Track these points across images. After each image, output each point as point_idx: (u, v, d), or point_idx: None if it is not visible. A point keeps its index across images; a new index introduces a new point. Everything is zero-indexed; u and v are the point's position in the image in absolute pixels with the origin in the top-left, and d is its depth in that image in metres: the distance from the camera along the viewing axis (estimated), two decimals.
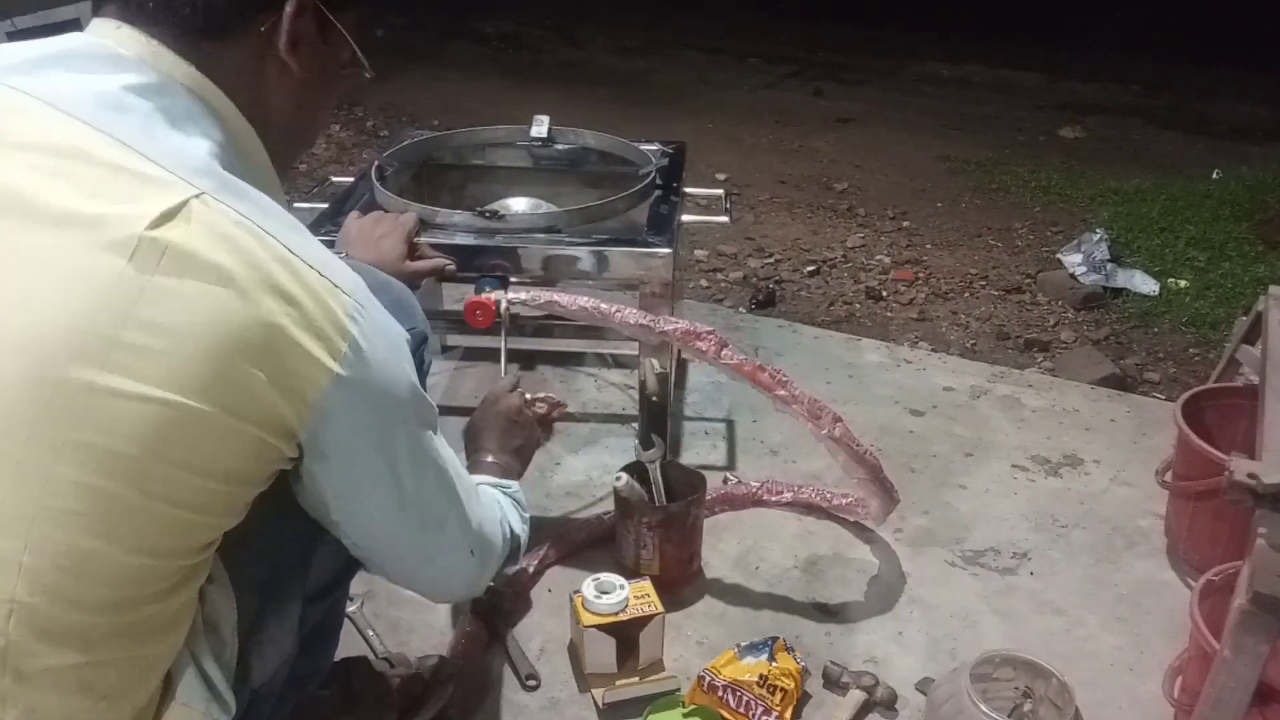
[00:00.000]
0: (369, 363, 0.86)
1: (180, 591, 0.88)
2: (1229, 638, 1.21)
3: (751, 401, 2.26)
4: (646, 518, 1.68)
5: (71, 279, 0.76)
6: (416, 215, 1.69)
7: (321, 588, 1.19)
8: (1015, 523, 1.95)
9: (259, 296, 0.79)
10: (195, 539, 0.86)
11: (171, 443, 0.78)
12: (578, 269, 1.76)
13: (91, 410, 0.76)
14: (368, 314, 0.87)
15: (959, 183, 4.10)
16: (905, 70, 5.90)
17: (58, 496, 0.77)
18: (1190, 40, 5.86)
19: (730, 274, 3.20)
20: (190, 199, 0.78)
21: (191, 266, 0.77)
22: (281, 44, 0.92)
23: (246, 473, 0.85)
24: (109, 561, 0.80)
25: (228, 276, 0.78)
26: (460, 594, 1.24)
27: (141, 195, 0.78)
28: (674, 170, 2.08)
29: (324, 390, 0.83)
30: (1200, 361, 2.78)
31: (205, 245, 0.77)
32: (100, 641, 0.82)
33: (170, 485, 0.80)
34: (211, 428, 0.79)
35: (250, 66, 0.92)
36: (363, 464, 0.92)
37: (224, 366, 0.78)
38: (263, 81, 0.93)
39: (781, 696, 1.45)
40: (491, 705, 1.51)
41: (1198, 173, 4.12)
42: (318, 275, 0.83)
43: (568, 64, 5.92)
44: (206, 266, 0.77)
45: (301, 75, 0.94)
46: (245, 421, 0.81)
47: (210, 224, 0.78)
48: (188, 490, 0.81)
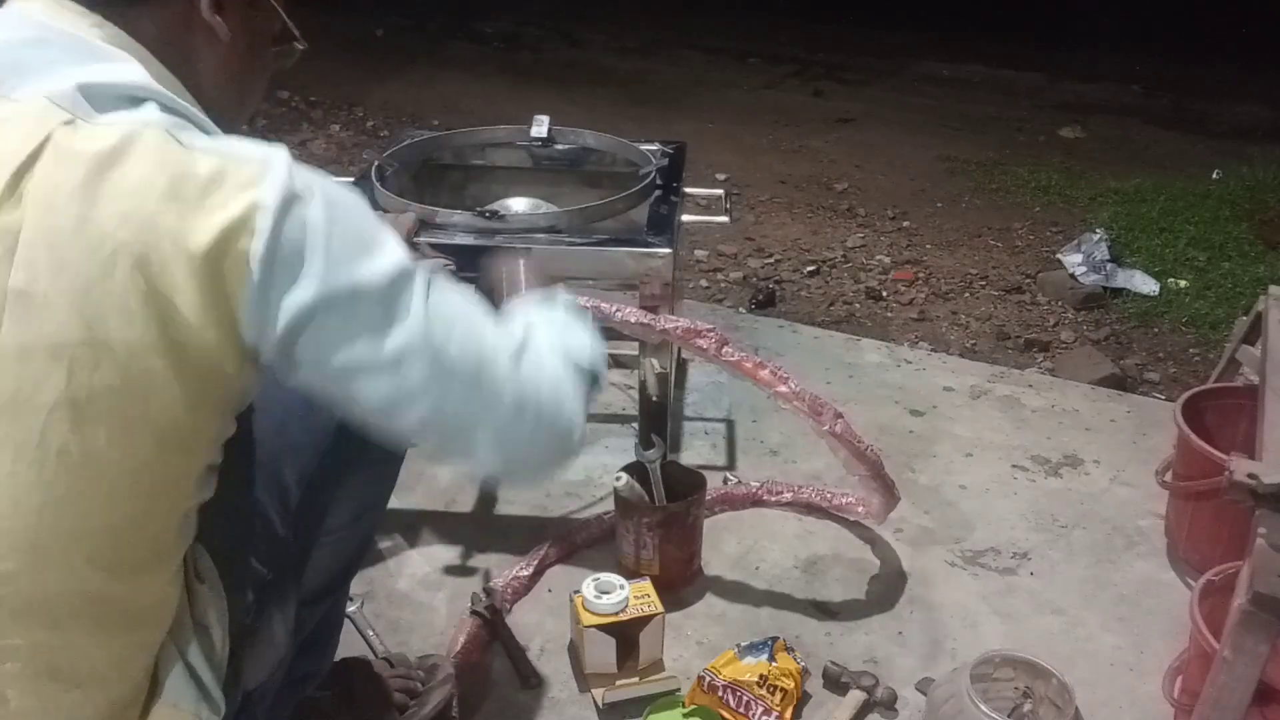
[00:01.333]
0: (296, 232, 0.78)
1: (156, 575, 0.87)
2: (1229, 638, 1.21)
3: (751, 401, 2.26)
4: (646, 518, 1.68)
5: None
6: (416, 216, 1.69)
7: (319, 590, 1.19)
8: (1015, 523, 1.95)
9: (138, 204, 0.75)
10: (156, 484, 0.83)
11: (99, 384, 0.76)
12: (578, 269, 1.76)
13: (2, 365, 0.76)
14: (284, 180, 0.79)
15: (959, 183, 4.10)
16: (905, 70, 5.90)
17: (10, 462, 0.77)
18: (1190, 40, 5.86)
19: (730, 274, 3.20)
20: (55, 128, 0.76)
21: (56, 201, 0.75)
22: (204, 5, 0.89)
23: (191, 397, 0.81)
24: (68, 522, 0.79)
25: (92, 198, 0.75)
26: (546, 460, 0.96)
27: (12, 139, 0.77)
28: (674, 170, 2.08)
29: (248, 278, 0.77)
30: (1200, 361, 2.78)
31: (66, 175, 0.75)
32: (68, 619, 0.82)
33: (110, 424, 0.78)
34: (126, 353, 0.76)
35: (175, 29, 0.89)
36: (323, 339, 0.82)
37: (115, 287, 0.75)
38: (189, 45, 0.91)
39: (781, 696, 1.45)
40: (491, 705, 1.51)
41: (1198, 173, 4.12)
42: (218, 159, 0.78)
43: (568, 64, 5.91)
44: (71, 194, 0.75)
45: (228, 38, 0.92)
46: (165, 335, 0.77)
47: (74, 146, 0.76)
48: (135, 432, 0.79)
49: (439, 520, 1.86)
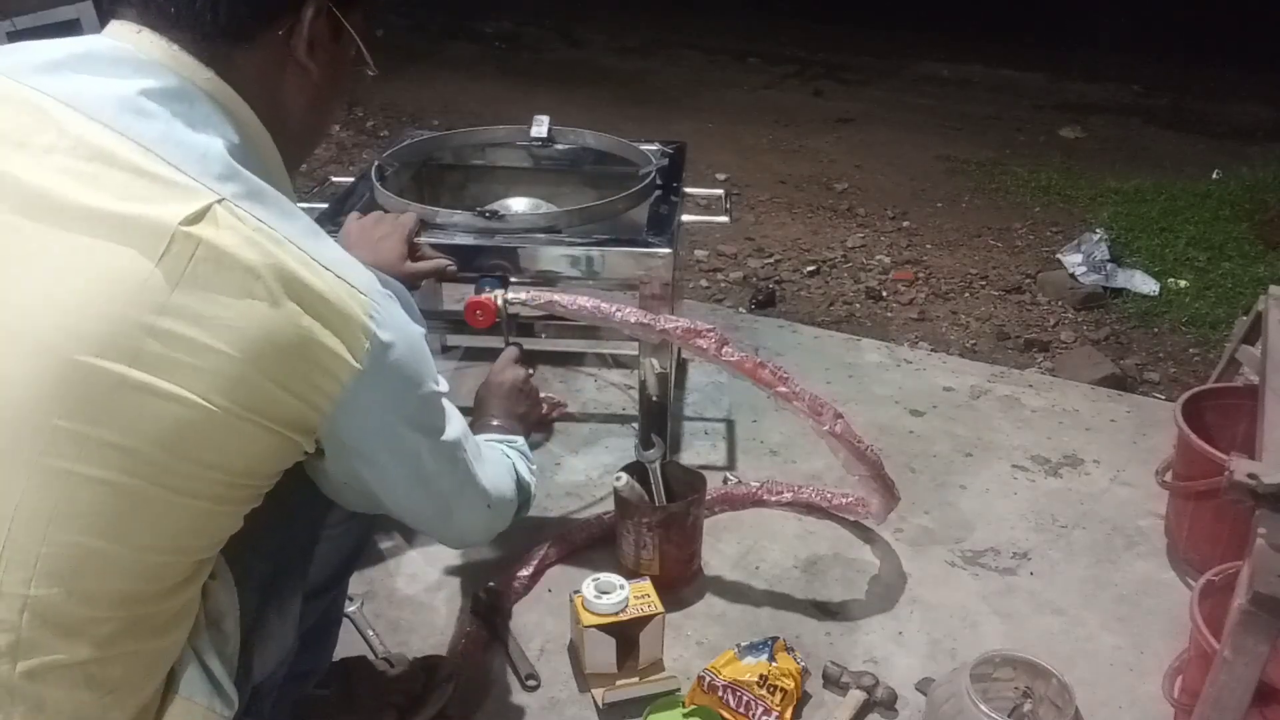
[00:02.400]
0: (388, 359, 0.89)
1: (188, 587, 0.89)
2: (1229, 638, 1.21)
3: (752, 401, 2.26)
4: (646, 518, 1.68)
5: (102, 277, 0.77)
6: (416, 216, 1.69)
7: (320, 584, 1.20)
8: (1015, 523, 1.95)
9: (283, 300, 0.80)
10: (211, 533, 0.89)
11: (193, 441, 0.80)
12: (578, 269, 1.76)
13: (117, 406, 0.77)
14: (385, 312, 0.89)
15: (959, 183, 4.10)
16: (905, 70, 5.90)
17: (78, 493, 0.78)
18: (1190, 40, 5.85)
19: (730, 274, 3.20)
20: (213, 204, 0.79)
21: (222, 266, 0.79)
22: (301, 47, 0.94)
23: (265, 468, 0.88)
24: (125, 558, 0.81)
25: (255, 277, 0.79)
26: (478, 542, 1.34)
27: (167, 198, 0.79)
28: (674, 170, 2.08)
29: (346, 387, 0.86)
30: (1200, 361, 2.78)
31: (234, 245, 0.79)
32: (110, 637, 0.83)
33: (190, 480, 0.82)
34: (234, 427, 0.81)
35: (269, 70, 0.93)
36: (383, 453, 0.96)
37: (251, 368, 0.80)
38: (281, 84, 0.95)
39: (781, 696, 1.45)
40: (491, 705, 1.51)
41: (1198, 173, 4.12)
42: (334, 278, 0.85)
43: (568, 64, 5.91)
44: (236, 266, 0.79)
45: (318, 76, 0.96)
46: (268, 420, 0.83)
47: (233, 228, 0.80)
48: (207, 485, 0.83)
49: None
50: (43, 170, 0.79)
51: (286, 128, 0.96)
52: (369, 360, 0.86)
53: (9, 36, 3.00)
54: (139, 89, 0.84)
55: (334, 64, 0.98)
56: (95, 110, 0.81)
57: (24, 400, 0.77)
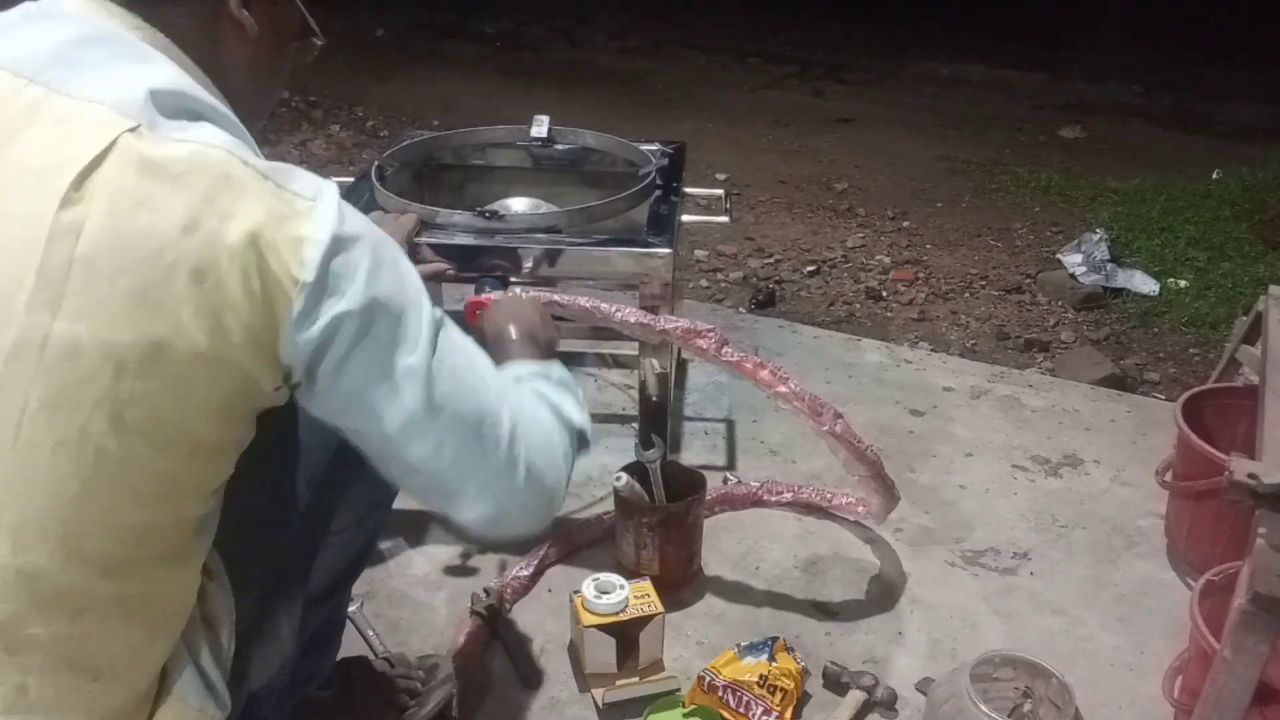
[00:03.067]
0: (336, 268, 0.82)
1: (173, 569, 0.88)
2: (1229, 638, 1.21)
3: (752, 402, 2.26)
4: (646, 518, 1.68)
5: (22, 231, 0.78)
6: (416, 217, 1.69)
7: (323, 591, 1.19)
8: (1015, 523, 1.94)
9: (199, 220, 0.78)
10: (187, 490, 0.86)
11: (140, 389, 0.79)
12: (578, 269, 1.76)
13: (52, 364, 0.77)
14: (331, 213, 0.83)
15: (959, 183, 4.10)
16: (905, 70, 5.90)
17: (32, 454, 0.78)
18: (1190, 40, 5.86)
19: (730, 274, 3.20)
20: (121, 134, 0.78)
21: (121, 205, 0.77)
22: (233, 3, 0.92)
23: (226, 409, 0.84)
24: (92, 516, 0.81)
25: (159, 207, 0.78)
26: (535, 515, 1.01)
27: (77, 139, 0.79)
28: (674, 170, 2.08)
29: (290, 302, 0.81)
30: (1200, 361, 2.78)
31: (132, 180, 0.78)
32: (90, 610, 0.83)
33: (149, 428, 0.80)
34: (178, 365, 0.79)
35: (205, 25, 0.92)
36: (359, 378, 0.86)
37: (171, 294, 0.78)
38: (219, 41, 0.93)
39: (781, 696, 1.45)
40: (491, 705, 1.51)
41: (1198, 173, 4.12)
42: (274, 185, 0.81)
43: (568, 64, 5.92)
44: (139, 201, 0.78)
45: (256, 35, 0.94)
46: (212, 348, 0.79)
47: (141, 156, 0.78)
48: (170, 436, 0.81)
49: (440, 520, 1.86)
50: None
51: (232, 83, 0.94)
52: (316, 268, 0.80)
53: None
54: (61, 38, 0.85)
55: (272, 24, 0.96)
56: (20, 67, 0.83)
57: None
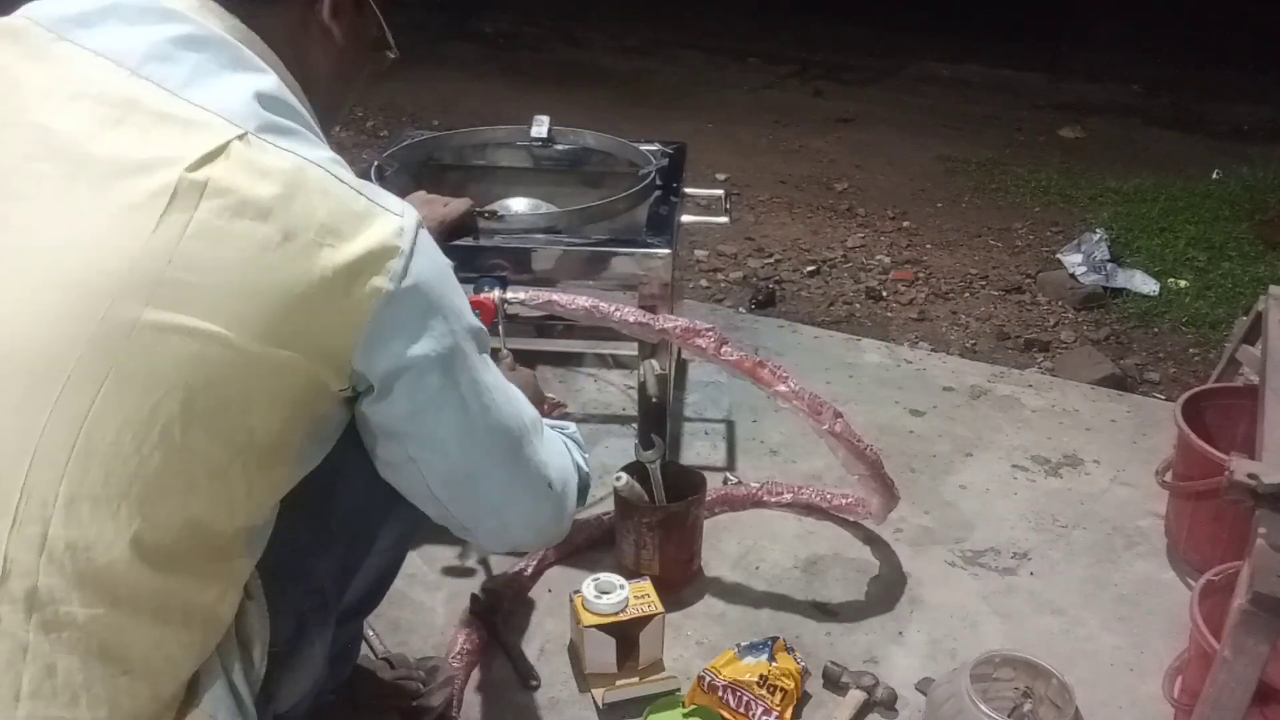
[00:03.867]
0: (418, 283, 0.87)
1: (217, 580, 0.88)
2: (1229, 638, 1.21)
3: (751, 402, 2.26)
4: (646, 518, 1.68)
5: (120, 221, 0.79)
6: (469, 203, 1.68)
7: (353, 608, 1.19)
8: (1015, 523, 1.94)
9: (299, 229, 0.81)
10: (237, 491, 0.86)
11: (216, 377, 0.80)
12: (577, 269, 1.76)
13: (137, 345, 0.78)
14: (415, 235, 0.87)
15: (959, 183, 4.10)
16: (905, 70, 5.90)
17: (99, 431, 0.78)
18: (1190, 40, 5.85)
19: (730, 274, 3.20)
20: (231, 140, 0.81)
21: (230, 204, 0.79)
22: (324, 9, 0.96)
23: (295, 414, 0.86)
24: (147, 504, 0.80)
25: (266, 211, 0.80)
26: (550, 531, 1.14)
27: (185, 140, 0.80)
28: (674, 171, 2.08)
29: (374, 311, 0.84)
30: (1200, 361, 2.78)
31: (244, 182, 0.80)
32: (130, 600, 0.82)
33: (214, 424, 0.81)
34: (258, 361, 0.81)
35: (296, 29, 0.95)
36: (421, 388, 0.91)
37: (265, 300, 0.80)
38: (308, 44, 0.97)
39: (781, 696, 1.45)
40: (491, 705, 1.51)
41: (1198, 173, 4.12)
42: (367, 201, 0.85)
43: (568, 64, 5.92)
44: (245, 203, 0.79)
45: (342, 42, 0.99)
46: (293, 352, 0.82)
47: (250, 161, 0.81)
48: (233, 430, 0.82)
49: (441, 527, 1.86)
50: (69, 117, 0.82)
51: (315, 89, 0.98)
52: (397, 282, 0.84)
53: None
54: (165, 36, 0.86)
55: (357, 32, 1.01)
56: (122, 58, 0.84)
57: (44, 340, 0.78)
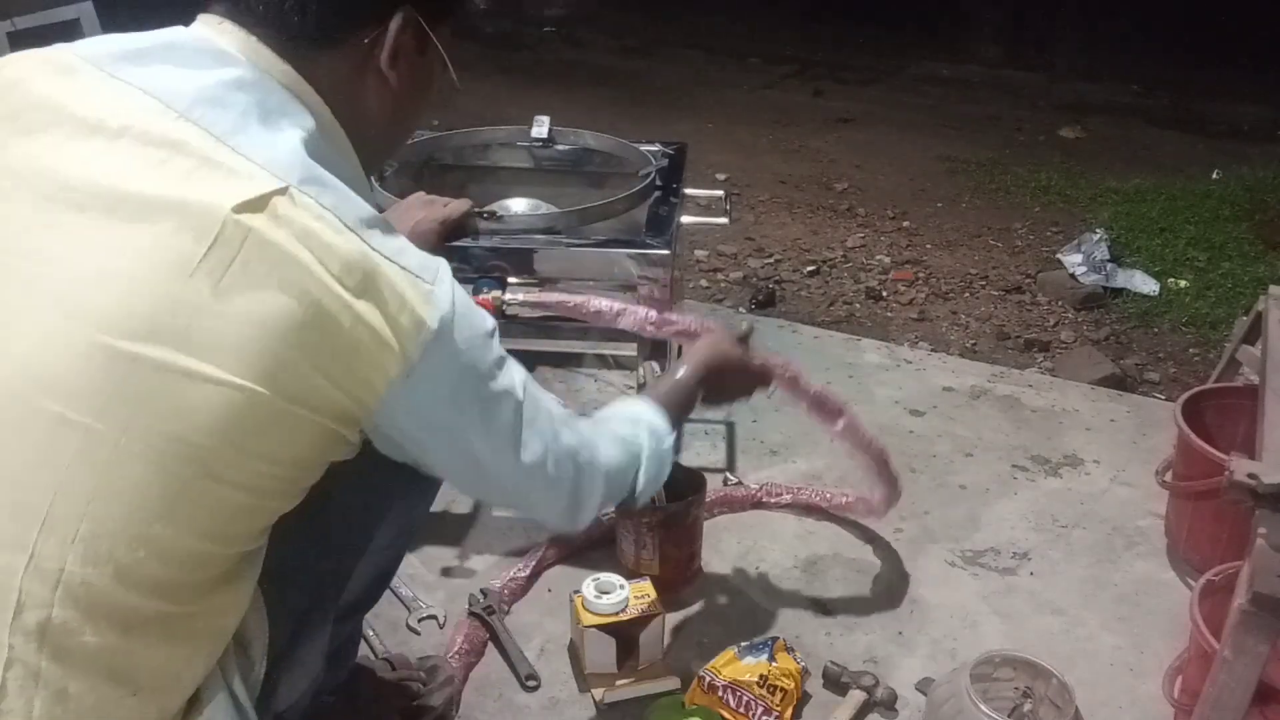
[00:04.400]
0: (443, 354, 0.86)
1: (225, 589, 0.88)
2: (1229, 638, 1.21)
3: (752, 402, 2.25)
4: (646, 518, 1.68)
5: (154, 260, 0.78)
6: (468, 204, 1.65)
7: (351, 607, 1.19)
8: (1015, 523, 1.94)
9: (334, 291, 0.80)
10: (252, 523, 0.88)
11: (238, 428, 0.80)
12: (577, 270, 1.76)
13: (163, 390, 0.78)
14: (449, 304, 0.87)
15: (959, 183, 4.10)
16: (905, 70, 5.90)
17: (122, 472, 0.78)
18: (1190, 40, 5.85)
19: (730, 274, 3.20)
20: (273, 192, 0.80)
21: (269, 256, 0.79)
22: (383, 57, 0.94)
23: (310, 457, 0.87)
24: (164, 542, 0.81)
25: (305, 270, 0.79)
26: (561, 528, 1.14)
27: (228, 185, 0.80)
28: (674, 171, 2.08)
29: (393, 380, 0.84)
30: (1200, 361, 2.78)
31: (284, 236, 0.79)
32: (140, 627, 0.82)
33: (233, 470, 0.81)
34: (278, 415, 0.81)
35: (351, 75, 0.94)
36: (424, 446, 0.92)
37: (294, 358, 0.80)
38: (362, 90, 0.95)
39: (781, 696, 1.45)
40: (491, 705, 1.51)
41: (1198, 173, 4.12)
42: (399, 268, 0.84)
43: (568, 64, 5.92)
44: (285, 258, 0.79)
45: (399, 87, 0.97)
46: (312, 411, 0.82)
47: (291, 217, 0.80)
48: (250, 475, 0.83)
49: (437, 521, 1.86)
50: (112, 155, 0.81)
51: (365, 133, 0.97)
52: (423, 351, 0.84)
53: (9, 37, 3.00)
54: (216, 80, 0.85)
55: (417, 76, 0.99)
56: (171, 99, 0.83)
57: (73, 377, 0.78)
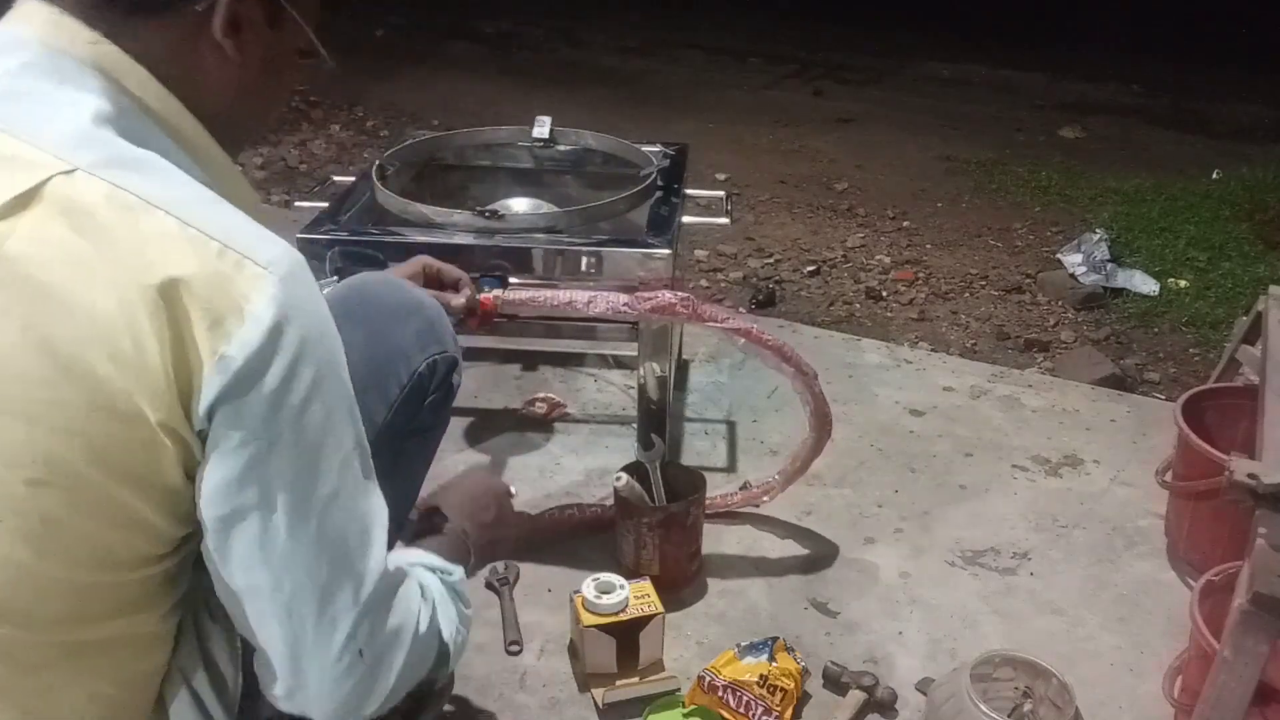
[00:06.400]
0: (270, 353, 0.75)
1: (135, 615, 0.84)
2: (1229, 638, 1.21)
3: (752, 402, 2.26)
4: (646, 518, 1.68)
5: None
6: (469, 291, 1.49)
7: None
8: (1015, 523, 1.95)
9: (125, 284, 0.72)
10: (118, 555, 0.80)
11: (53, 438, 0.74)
12: (577, 269, 1.76)
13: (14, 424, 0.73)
14: (286, 295, 0.76)
15: (959, 183, 4.11)
16: (905, 70, 5.90)
17: None
18: (1190, 40, 5.86)
19: (730, 274, 3.20)
20: (53, 177, 0.73)
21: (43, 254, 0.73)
22: (216, 26, 0.84)
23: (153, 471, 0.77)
24: (43, 580, 0.77)
25: (85, 264, 0.73)
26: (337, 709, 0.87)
27: (7, 180, 0.74)
28: (675, 171, 2.08)
29: (205, 377, 0.74)
30: (1200, 361, 2.78)
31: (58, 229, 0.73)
32: (44, 667, 0.80)
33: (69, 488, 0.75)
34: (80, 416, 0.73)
35: (183, 47, 0.85)
36: (233, 470, 0.77)
37: (81, 348, 0.72)
38: (197, 63, 0.86)
39: (781, 696, 1.46)
40: (491, 705, 1.51)
41: (1198, 173, 4.12)
42: (220, 246, 0.74)
43: (568, 64, 5.92)
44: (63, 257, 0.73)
45: (242, 61, 0.87)
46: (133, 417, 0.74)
47: (71, 204, 0.73)
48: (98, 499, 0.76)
49: None
50: None
51: (209, 108, 0.87)
52: (238, 348, 0.74)
53: None
54: (4, 68, 0.79)
55: (266, 50, 0.89)
56: None
57: None
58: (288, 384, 0.76)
